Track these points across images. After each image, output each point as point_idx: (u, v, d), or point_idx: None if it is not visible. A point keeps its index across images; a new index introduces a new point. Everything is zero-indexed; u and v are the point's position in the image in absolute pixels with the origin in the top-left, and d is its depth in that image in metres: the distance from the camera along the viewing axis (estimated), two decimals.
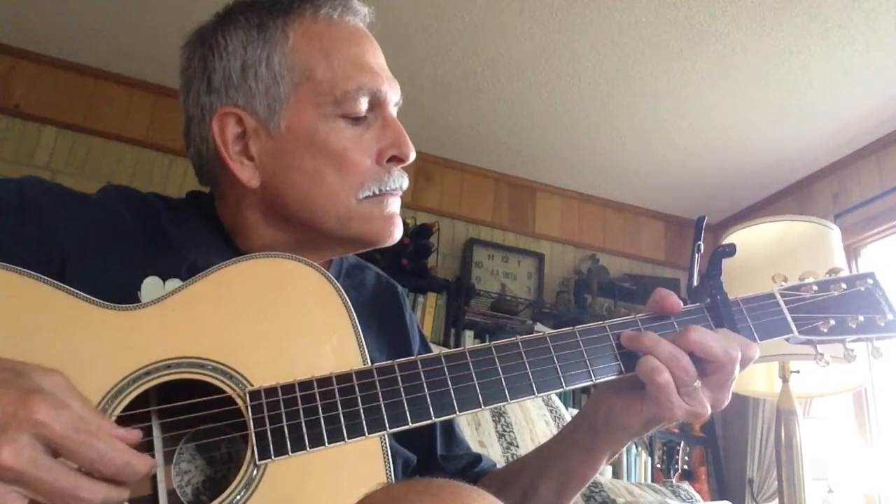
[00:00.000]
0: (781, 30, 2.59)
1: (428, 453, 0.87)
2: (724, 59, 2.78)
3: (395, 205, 0.78)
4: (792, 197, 3.61)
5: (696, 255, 0.73)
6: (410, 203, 3.60)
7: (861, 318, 0.72)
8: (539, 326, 3.44)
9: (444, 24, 2.76)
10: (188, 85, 0.79)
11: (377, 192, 0.76)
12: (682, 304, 0.69)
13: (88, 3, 2.82)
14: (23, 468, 0.44)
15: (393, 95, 0.78)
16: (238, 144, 0.75)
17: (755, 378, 1.65)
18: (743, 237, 1.55)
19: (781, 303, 0.72)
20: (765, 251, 1.49)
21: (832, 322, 0.72)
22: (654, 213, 4.11)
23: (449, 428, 0.92)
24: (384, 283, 0.93)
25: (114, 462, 0.49)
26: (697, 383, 0.63)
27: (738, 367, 0.64)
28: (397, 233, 0.79)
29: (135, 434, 0.52)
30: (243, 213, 0.78)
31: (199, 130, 0.78)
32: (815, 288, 0.74)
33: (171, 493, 0.58)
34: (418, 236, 3.36)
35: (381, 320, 0.86)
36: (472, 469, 0.90)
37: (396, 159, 0.77)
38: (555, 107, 3.22)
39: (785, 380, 1.48)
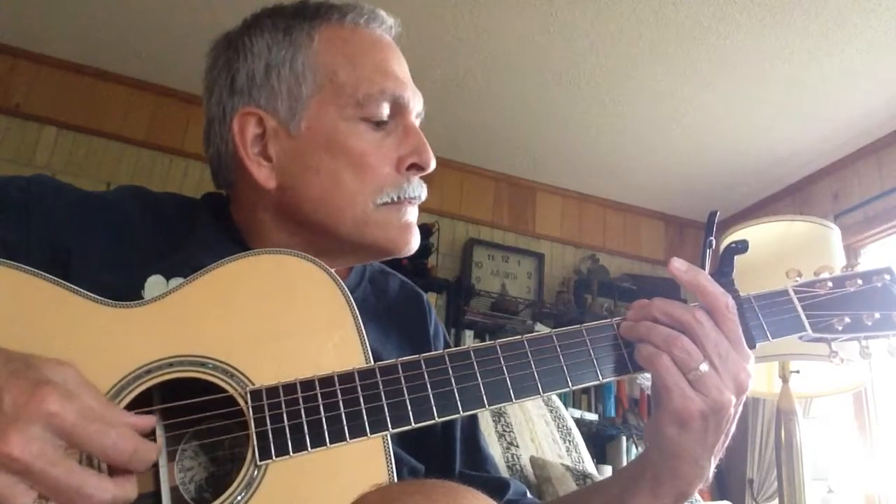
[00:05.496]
0: (781, 30, 2.59)
1: (444, 467, 0.82)
2: (724, 59, 2.78)
3: (412, 214, 0.77)
4: (792, 197, 3.60)
5: (708, 250, 0.71)
6: None
7: (877, 314, 0.70)
8: (539, 326, 3.44)
9: (445, 24, 2.76)
10: (212, 86, 0.79)
11: (395, 199, 0.75)
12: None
13: (89, 4, 2.82)
14: (30, 460, 0.44)
15: (415, 105, 0.78)
16: (257, 145, 0.75)
17: (755, 378, 1.64)
18: (743, 237, 1.55)
19: (795, 300, 0.70)
20: (765, 251, 1.49)
21: (847, 319, 0.69)
22: (654, 213, 4.11)
23: (473, 441, 0.87)
24: (408, 291, 0.91)
25: (126, 450, 0.49)
26: (704, 366, 0.62)
27: (708, 329, 0.62)
28: (414, 242, 0.77)
29: (148, 420, 0.52)
30: (258, 216, 0.77)
31: (219, 130, 0.77)
32: (830, 284, 0.71)
33: (174, 490, 0.58)
34: None
35: (402, 328, 0.85)
36: (494, 497, 0.85)
37: (416, 167, 0.76)
38: (555, 107, 3.22)
39: (785, 380, 1.48)
